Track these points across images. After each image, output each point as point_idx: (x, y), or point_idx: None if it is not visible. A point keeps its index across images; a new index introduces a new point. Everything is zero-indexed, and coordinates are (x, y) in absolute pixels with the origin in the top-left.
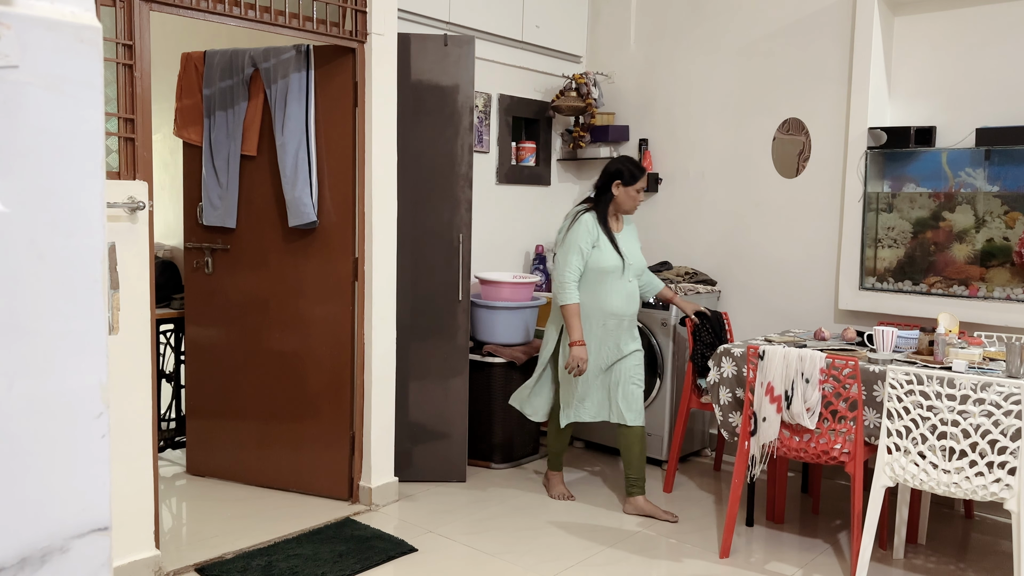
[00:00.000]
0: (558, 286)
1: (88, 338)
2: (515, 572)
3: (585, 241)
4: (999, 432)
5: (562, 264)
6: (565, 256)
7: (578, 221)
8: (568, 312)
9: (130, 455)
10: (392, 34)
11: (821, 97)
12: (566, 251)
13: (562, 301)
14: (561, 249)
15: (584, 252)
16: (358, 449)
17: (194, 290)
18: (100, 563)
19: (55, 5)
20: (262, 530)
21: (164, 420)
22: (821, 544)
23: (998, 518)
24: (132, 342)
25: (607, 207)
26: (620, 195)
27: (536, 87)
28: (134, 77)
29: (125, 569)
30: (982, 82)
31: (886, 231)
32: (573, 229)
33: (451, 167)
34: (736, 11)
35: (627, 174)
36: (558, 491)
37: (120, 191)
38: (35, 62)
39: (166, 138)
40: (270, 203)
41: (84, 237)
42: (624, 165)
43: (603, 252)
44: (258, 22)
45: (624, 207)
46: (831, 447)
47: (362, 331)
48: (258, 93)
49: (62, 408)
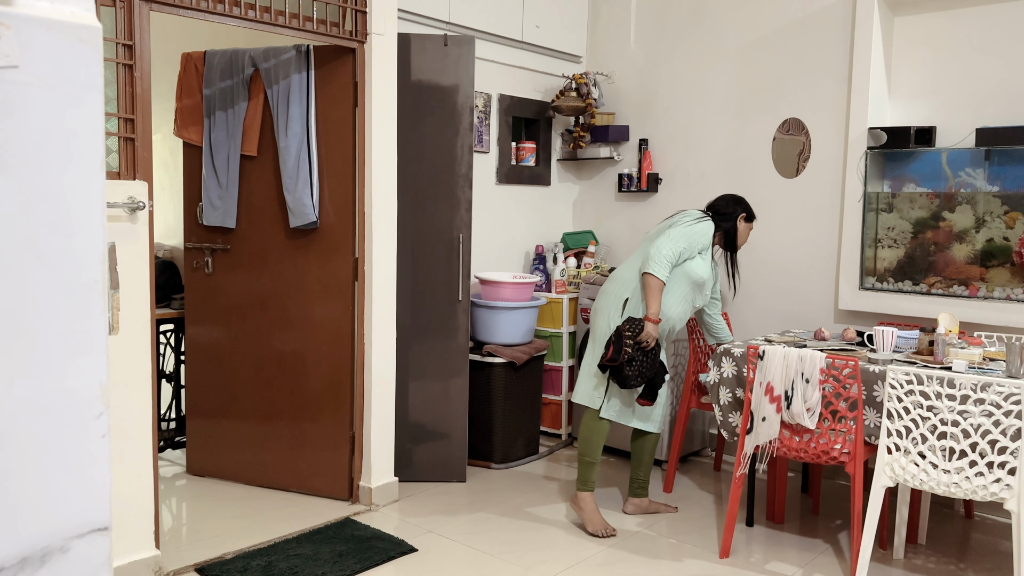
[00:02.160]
0: (653, 258)
1: (88, 338)
2: (515, 572)
3: (697, 243)
4: (999, 432)
5: (667, 245)
6: (674, 241)
7: (703, 224)
8: (653, 285)
9: (130, 455)
10: (392, 34)
11: (821, 97)
12: (676, 237)
13: (653, 271)
14: (672, 233)
15: (688, 252)
16: (358, 449)
17: (194, 290)
18: (100, 563)
19: (55, 5)
20: (262, 530)
21: (164, 420)
22: (821, 544)
23: (998, 518)
24: (132, 342)
25: (724, 233)
26: (743, 230)
27: (536, 87)
28: (134, 77)
29: (125, 569)
30: (982, 82)
31: (886, 231)
32: (694, 227)
33: (451, 167)
34: (736, 11)
35: (750, 213)
36: (599, 525)
37: (120, 191)
38: (35, 62)
39: (166, 138)
40: (270, 203)
41: (84, 237)
42: (747, 206)
43: (700, 263)
44: (258, 22)
45: (740, 240)
46: (831, 447)
47: (362, 331)
48: (258, 93)
49: (62, 408)
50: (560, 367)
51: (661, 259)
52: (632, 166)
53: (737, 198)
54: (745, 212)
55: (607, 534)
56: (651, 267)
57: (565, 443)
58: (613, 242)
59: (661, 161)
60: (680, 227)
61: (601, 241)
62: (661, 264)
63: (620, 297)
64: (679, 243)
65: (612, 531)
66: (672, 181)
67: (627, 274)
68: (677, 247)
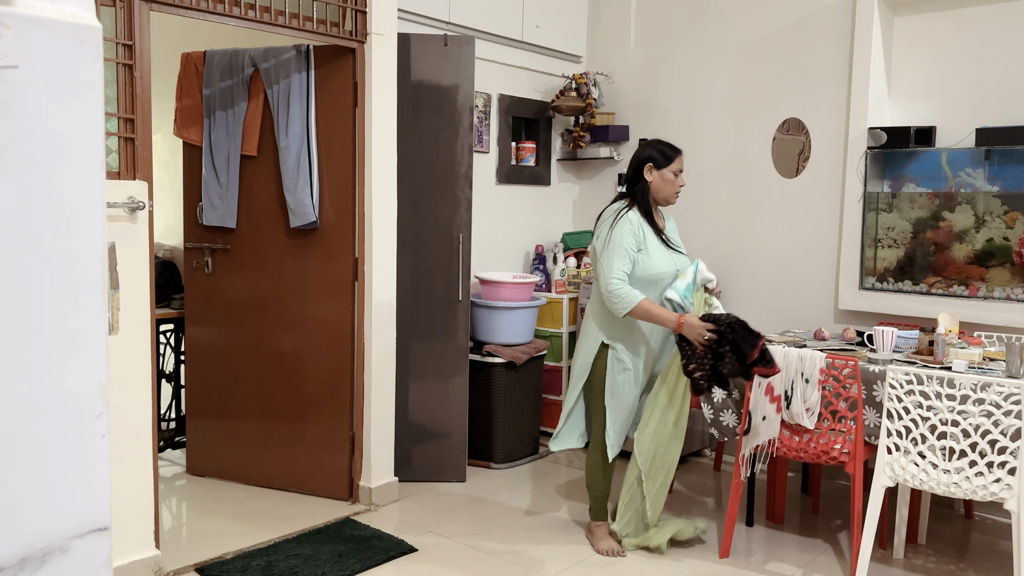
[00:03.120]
0: (610, 297)
1: (88, 338)
2: (515, 572)
3: (630, 243)
4: (999, 432)
5: (606, 272)
6: (609, 262)
7: (622, 219)
8: (642, 310)
9: (130, 455)
10: (392, 34)
11: (821, 97)
12: (609, 255)
13: (625, 307)
14: (604, 255)
15: (631, 255)
16: (358, 449)
17: (194, 290)
18: (100, 563)
19: (55, 5)
20: (262, 530)
21: (164, 420)
22: (821, 544)
23: (998, 518)
24: (132, 342)
25: (647, 199)
26: (655, 181)
27: (536, 87)
28: (134, 77)
29: (125, 569)
30: (982, 82)
31: (886, 231)
32: (616, 229)
33: (451, 167)
34: (736, 11)
35: (659, 155)
36: (606, 545)
37: (120, 191)
38: (35, 62)
39: (166, 138)
40: (270, 203)
41: (84, 237)
42: (653, 147)
43: (652, 256)
44: (258, 22)
45: (662, 194)
46: (831, 447)
47: (362, 331)
48: (258, 93)
49: (62, 408)
50: (560, 367)
51: (614, 292)
52: None
53: (644, 147)
54: (652, 159)
55: (614, 554)
56: (620, 307)
57: None
58: None
59: None
60: (606, 238)
61: None
62: (620, 294)
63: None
64: (614, 259)
65: (623, 553)
66: None
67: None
68: (615, 264)
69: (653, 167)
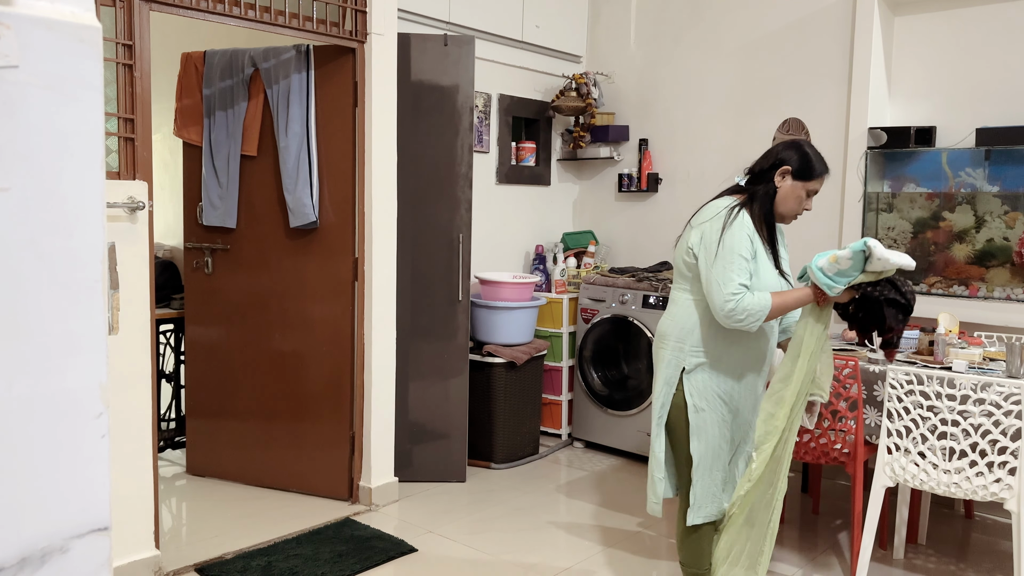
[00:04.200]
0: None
1: (88, 338)
2: (515, 572)
3: (747, 249)
4: (999, 432)
5: (720, 287)
6: (723, 273)
7: (737, 220)
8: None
9: (130, 455)
10: (392, 34)
11: (821, 97)
12: (723, 266)
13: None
14: (715, 264)
15: (748, 265)
16: (358, 449)
17: (194, 290)
18: (100, 563)
19: (55, 5)
20: (262, 530)
21: (164, 420)
22: (821, 544)
23: (998, 518)
24: (132, 342)
25: (767, 205)
26: (784, 189)
27: (536, 87)
28: (134, 77)
29: (125, 569)
30: (982, 82)
31: (886, 231)
32: (732, 232)
33: (451, 167)
34: (736, 11)
35: (801, 163)
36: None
37: (120, 191)
38: (35, 62)
39: (166, 138)
40: (270, 203)
41: (84, 237)
42: (800, 151)
43: (760, 275)
44: (258, 22)
45: (784, 207)
46: (831, 447)
47: (362, 331)
48: (258, 93)
49: (62, 408)
50: (560, 367)
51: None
52: (632, 166)
53: (792, 146)
54: (791, 163)
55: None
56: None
57: (565, 443)
58: (613, 242)
59: (661, 161)
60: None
61: (601, 241)
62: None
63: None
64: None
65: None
66: (672, 181)
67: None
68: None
69: (790, 173)
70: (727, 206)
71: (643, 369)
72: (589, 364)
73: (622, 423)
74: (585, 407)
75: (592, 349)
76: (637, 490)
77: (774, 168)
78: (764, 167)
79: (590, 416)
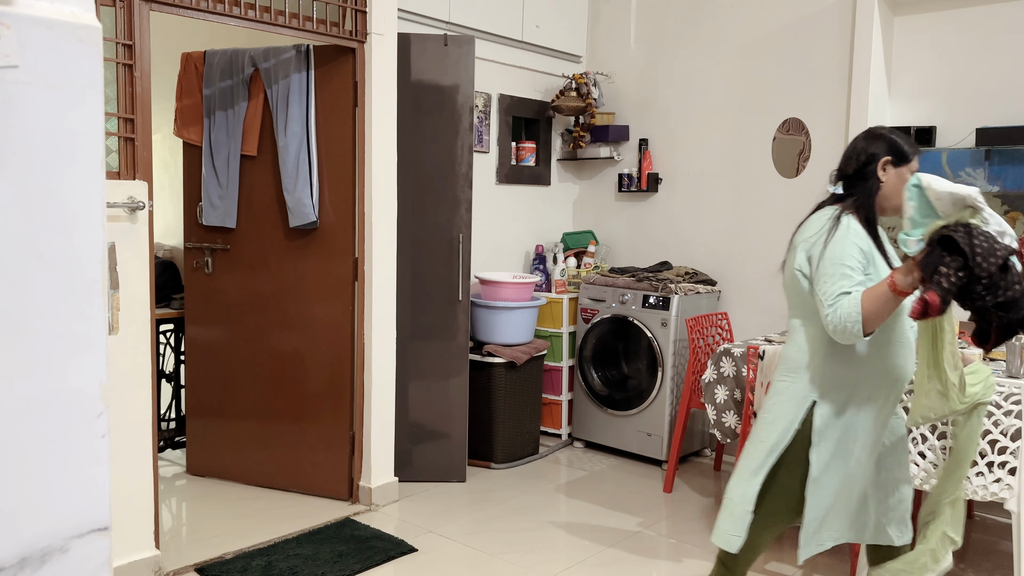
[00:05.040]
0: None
1: (88, 338)
2: (515, 572)
3: (856, 259)
4: (999, 432)
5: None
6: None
7: (841, 228)
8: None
9: (130, 455)
10: (392, 34)
11: (821, 97)
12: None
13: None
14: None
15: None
16: (358, 449)
17: (194, 290)
18: (100, 563)
19: (55, 5)
20: (262, 530)
21: (164, 420)
22: None
23: (998, 518)
24: (132, 342)
25: (872, 204)
26: (891, 181)
27: (536, 87)
28: (134, 77)
29: (125, 569)
30: (982, 82)
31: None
32: (836, 242)
33: (451, 167)
34: (736, 11)
35: (895, 148)
36: None
37: (120, 191)
38: (35, 62)
39: (166, 138)
40: (270, 203)
41: (84, 237)
42: (886, 137)
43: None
44: (258, 22)
45: (895, 200)
46: None
47: (362, 331)
48: (258, 93)
49: (62, 408)
50: (560, 367)
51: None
52: (632, 166)
53: (871, 134)
54: (886, 153)
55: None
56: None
57: (565, 443)
58: (613, 242)
59: (661, 161)
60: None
61: (601, 241)
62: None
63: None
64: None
65: None
66: (672, 181)
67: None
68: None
69: (890, 162)
70: (830, 217)
71: (643, 369)
72: (589, 364)
73: (622, 423)
74: (585, 407)
75: (592, 349)
76: (637, 490)
77: (869, 164)
78: (857, 166)
79: (590, 416)
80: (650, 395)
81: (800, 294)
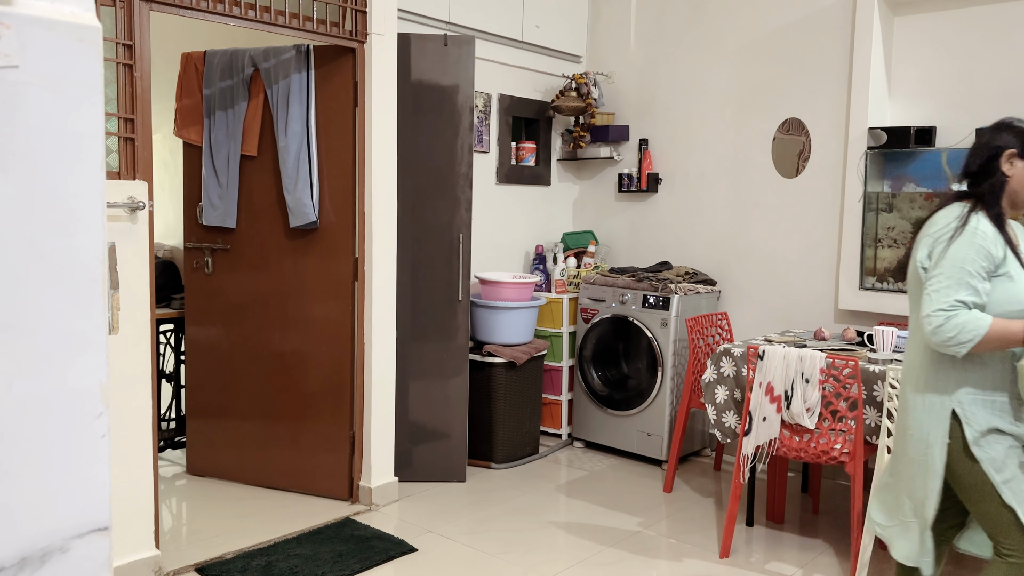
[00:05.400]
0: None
1: (88, 338)
2: (515, 572)
3: (982, 263)
4: None
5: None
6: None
7: (969, 228)
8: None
9: (130, 455)
10: (392, 34)
11: (821, 97)
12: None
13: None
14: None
15: (980, 284)
16: (358, 449)
17: (194, 290)
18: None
19: (55, 5)
20: (262, 530)
21: (164, 420)
22: (821, 544)
23: None
24: (132, 342)
25: (999, 200)
26: (1019, 175)
27: (536, 87)
28: (134, 77)
29: (125, 569)
30: (982, 82)
31: (886, 231)
32: (959, 242)
33: (451, 167)
34: (736, 11)
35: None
36: None
37: (120, 191)
38: (35, 62)
39: (166, 138)
40: (270, 203)
41: (84, 237)
42: (1014, 128)
43: (1017, 279)
44: (258, 22)
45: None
46: (831, 447)
47: (362, 331)
48: (258, 93)
49: (62, 408)
50: (560, 367)
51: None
52: (632, 166)
53: (993, 127)
54: (1014, 145)
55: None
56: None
57: (565, 443)
58: (613, 242)
59: (661, 161)
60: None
61: (601, 241)
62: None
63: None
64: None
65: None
66: (672, 181)
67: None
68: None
69: (1016, 155)
70: (957, 215)
71: (643, 369)
72: (589, 364)
73: (622, 423)
74: (585, 407)
75: (592, 349)
76: (637, 490)
77: (994, 158)
78: (982, 161)
79: (590, 416)
80: (650, 395)
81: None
